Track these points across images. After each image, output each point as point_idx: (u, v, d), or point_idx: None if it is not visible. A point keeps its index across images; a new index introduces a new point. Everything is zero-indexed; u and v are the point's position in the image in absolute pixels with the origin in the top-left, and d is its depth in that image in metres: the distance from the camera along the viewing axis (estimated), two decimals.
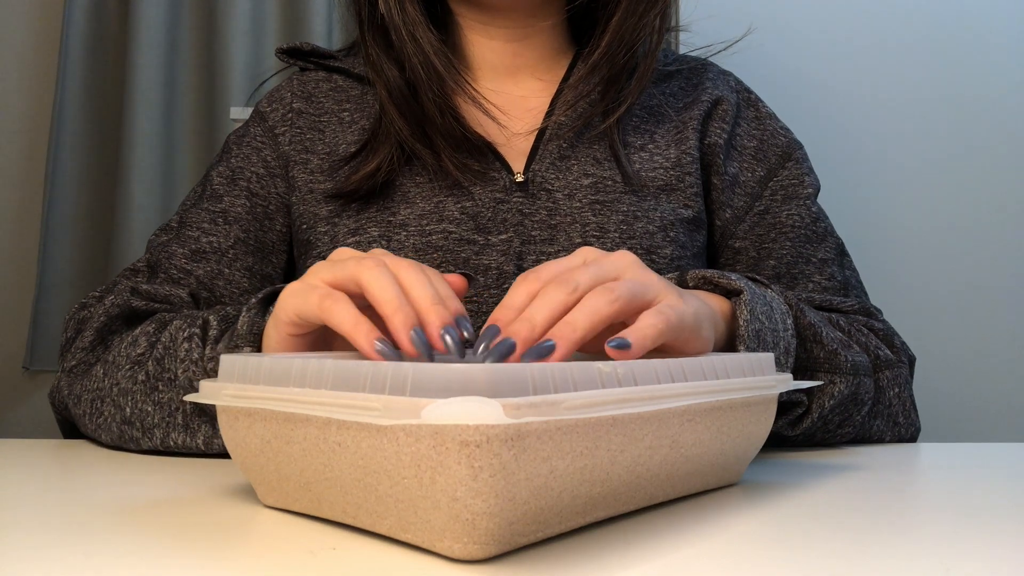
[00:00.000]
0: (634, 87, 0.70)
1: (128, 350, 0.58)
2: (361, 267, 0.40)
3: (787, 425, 0.57)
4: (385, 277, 0.39)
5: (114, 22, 1.38)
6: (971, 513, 0.37)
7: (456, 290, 0.43)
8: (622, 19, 0.68)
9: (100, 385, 0.59)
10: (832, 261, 0.72)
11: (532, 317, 0.37)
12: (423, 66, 0.67)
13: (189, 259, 0.70)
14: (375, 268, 0.39)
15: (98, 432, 0.59)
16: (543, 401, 0.28)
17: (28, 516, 0.36)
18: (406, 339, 0.36)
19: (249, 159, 0.74)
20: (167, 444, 0.54)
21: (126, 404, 0.56)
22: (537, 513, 0.29)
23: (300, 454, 0.33)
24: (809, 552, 0.30)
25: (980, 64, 1.20)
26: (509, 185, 0.67)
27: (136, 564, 0.29)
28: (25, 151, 1.40)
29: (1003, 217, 1.19)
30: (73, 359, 0.63)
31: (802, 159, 0.75)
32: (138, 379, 0.56)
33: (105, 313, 0.63)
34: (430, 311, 0.38)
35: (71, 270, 1.33)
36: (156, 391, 0.55)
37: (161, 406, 0.54)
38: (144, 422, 0.55)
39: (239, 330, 0.51)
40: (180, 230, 0.72)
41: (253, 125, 0.76)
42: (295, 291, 0.42)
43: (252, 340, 0.51)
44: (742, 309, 0.50)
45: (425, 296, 0.38)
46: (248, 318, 0.51)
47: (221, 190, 0.73)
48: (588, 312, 0.37)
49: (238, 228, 0.72)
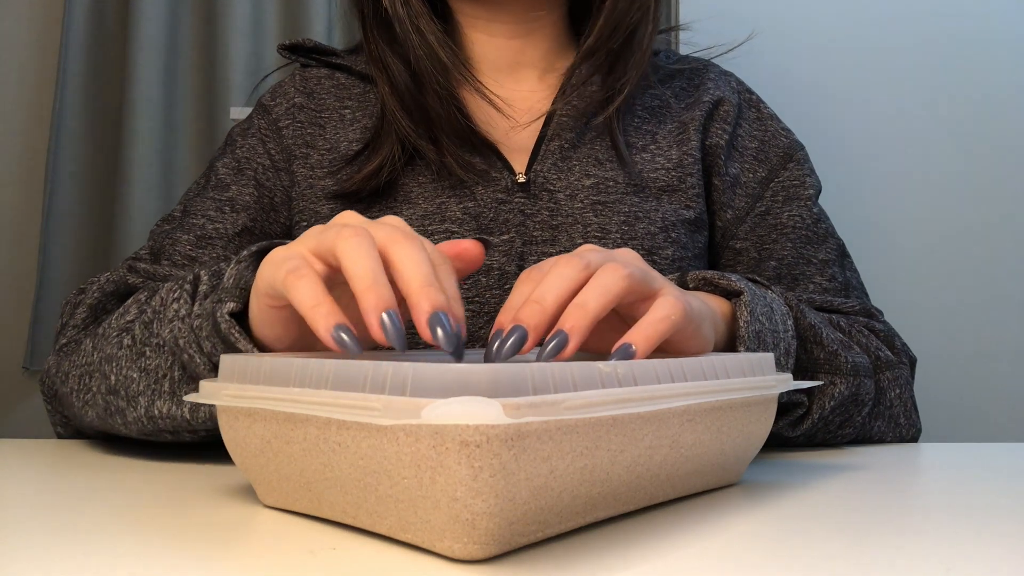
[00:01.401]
0: (632, 75, 0.69)
1: (119, 320, 0.54)
2: (339, 236, 0.34)
3: (787, 426, 0.57)
4: (363, 248, 0.34)
5: (114, 22, 1.37)
6: (971, 513, 0.37)
7: (472, 256, 0.40)
8: (614, 1, 0.68)
9: (89, 360, 0.55)
10: (833, 262, 0.72)
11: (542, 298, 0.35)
12: (428, 57, 0.66)
13: (194, 245, 0.69)
14: (353, 237, 0.34)
15: (84, 410, 0.55)
16: (543, 401, 0.28)
17: (28, 516, 0.36)
18: (375, 323, 0.32)
19: (255, 150, 0.73)
20: (151, 413, 0.50)
21: (111, 372, 0.52)
22: (537, 513, 0.29)
23: (300, 454, 0.33)
24: (809, 552, 0.30)
25: (983, 67, 1.20)
26: (511, 185, 0.67)
27: (136, 564, 0.29)
28: (25, 151, 1.40)
29: (1003, 218, 1.19)
30: (64, 338, 0.61)
31: (803, 160, 0.75)
32: (124, 344, 0.52)
33: (100, 289, 0.62)
34: (420, 292, 0.32)
35: (71, 270, 1.33)
36: (143, 357, 0.50)
37: (147, 372, 0.50)
38: (128, 390, 0.51)
39: (225, 283, 0.46)
40: (184, 218, 0.71)
41: (257, 118, 0.75)
42: (274, 260, 0.38)
43: (238, 296, 0.45)
44: (742, 310, 0.50)
45: (416, 275, 0.33)
46: (236, 271, 0.46)
47: (228, 179, 0.72)
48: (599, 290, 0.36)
49: (246, 216, 0.71)
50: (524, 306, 0.35)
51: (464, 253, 0.40)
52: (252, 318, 0.43)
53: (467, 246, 0.40)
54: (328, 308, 0.33)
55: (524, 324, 0.34)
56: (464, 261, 0.40)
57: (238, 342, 0.43)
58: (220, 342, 0.45)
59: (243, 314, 0.46)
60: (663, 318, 0.38)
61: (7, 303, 1.37)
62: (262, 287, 0.39)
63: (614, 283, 0.36)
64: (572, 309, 0.35)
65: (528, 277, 0.39)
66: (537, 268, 0.40)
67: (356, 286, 0.33)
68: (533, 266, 0.40)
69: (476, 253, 0.40)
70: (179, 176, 1.34)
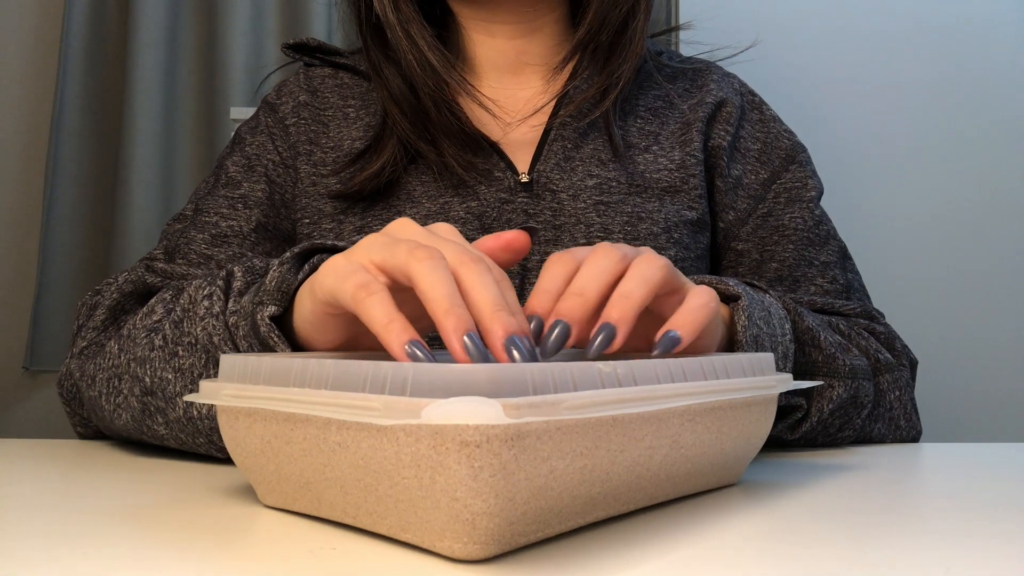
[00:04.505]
0: (626, 67, 0.69)
1: (144, 320, 0.54)
2: (413, 258, 0.35)
3: (786, 429, 0.57)
4: (439, 272, 0.34)
5: (114, 22, 1.38)
6: (971, 513, 0.37)
7: (519, 246, 0.39)
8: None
9: (116, 362, 0.54)
10: (835, 264, 0.72)
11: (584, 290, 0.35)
12: (418, 63, 0.67)
13: (210, 244, 0.68)
14: (428, 260, 0.34)
15: (117, 413, 0.54)
16: (543, 401, 0.28)
17: (27, 516, 0.36)
18: (458, 345, 0.32)
19: (264, 147, 0.73)
20: (190, 415, 0.49)
21: (145, 374, 0.51)
22: (537, 513, 0.29)
23: (300, 454, 0.33)
24: (809, 552, 0.30)
25: (986, 70, 1.20)
26: (514, 185, 0.67)
27: (136, 564, 0.29)
28: (25, 151, 1.40)
29: (1004, 220, 1.19)
30: (84, 340, 0.60)
31: (806, 162, 0.75)
32: (155, 344, 0.51)
33: (118, 290, 0.61)
34: (493, 317, 0.33)
35: (71, 270, 1.33)
36: (176, 356, 0.50)
37: (182, 373, 0.49)
38: (165, 391, 0.50)
39: (267, 285, 0.45)
40: (196, 217, 0.71)
41: (264, 115, 0.75)
42: (336, 269, 0.38)
43: (279, 299, 0.45)
44: (740, 315, 0.50)
45: (488, 300, 0.33)
46: (279, 274, 0.45)
47: (239, 177, 0.72)
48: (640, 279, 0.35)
49: (259, 212, 0.70)
50: (564, 298, 0.35)
51: (511, 243, 0.40)
52: (302, 320, 0.43)
53: (514, 236, 0.40)
54: (401, 325, 0.33)
55: (566, 318, 0.34)
56: (511, 252, 0.40)
57: (276, 346, 0.43)
58: (258, 343, 0.45)
59: (280, 316, 0.46)
60: (703, 304, 0.38)
61: (7, 303, 1.37)
62: (321, 295, 0.39)
63: (653, 273, 0.37)
64: (617, 299, 0.35)
65: (559, 259, 0.39)
66: (569, 252, 0.40)
67: (435, 309, 0.33)
68: (562, 251, 0.40)
69: (523, 243, 0.40)
70: (179, 176, 1.35)
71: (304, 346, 0.45)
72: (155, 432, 0.52)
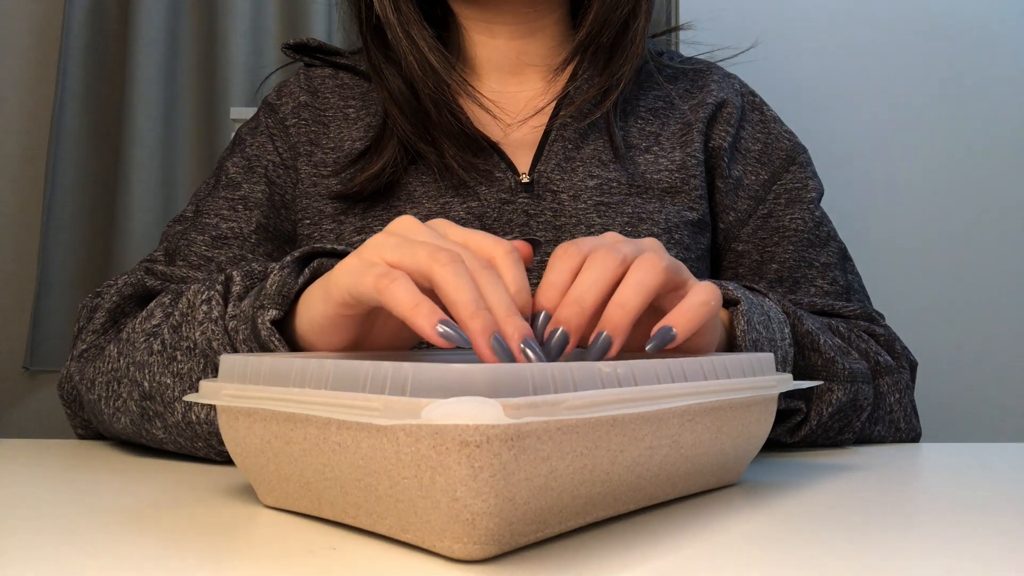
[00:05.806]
0: (627, 68, 0.69)
1: (143, 324, 0.54)
2: (436, 262, 0.36)
3: (786, 432, 0.57)
4: (463, 276, 0.35)
5: (114, 22, 1.38)
6: (971, 513, 0.37)
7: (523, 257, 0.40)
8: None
9: (115, 366, 0.54)
10: (835, 265, 0.72)
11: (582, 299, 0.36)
12: (419, 63, 0.67)
13: (210, 246, 0.68)
14: (451, 264, 0.35)
15: (116, 416, 0.54)
16: (543, 401, 0.28)
17: (27, 516, 0.36)
18: (486, 346, 0.33)
19: (264, 147, 0.73)
20: (188, 419, 0.49)
21: (144, 378, 0.51)
22: (537, 513, 0.29)
23: (300, 454, 0.33)
24: (809, 552, 0.30)
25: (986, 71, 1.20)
26: (515, 186, 0.67)
27: (136, 564, 0.29)
28: (25, 151, 1.40)
29: (1003, 221, 1.19)
30: (84, 343, 0.60)
31: (806, 163, 0.75)
32: (154, 349, 0.51)
33: (118, 293, 0.61)
34: (507, 322, 0.35)
35: (71, 270, 1.33)
36: (174, 361, 0.50)
37: (181, 378, 0.50)
38: (164, 396, 0.50)
39: (268, 289, 0.46)
40: (197, 218, 0.70)
41: (264, 116, 0.75)
42: (351, 269, 0.38)
43: (280, 303, 0.45)
44: (739, 319, 0.50)
45: (501, 304, 0.35)
46: (280, 278, 0.46)
47: (239, 178, 0.72)
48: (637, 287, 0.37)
49: (259, 214, 0.70)
50: (563, 306, 0.36)
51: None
52: (306, 324, 0.43)
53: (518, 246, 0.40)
54: (429, 307, 0.34)
55: (564, 326, 0.36)
56: None
57: (277, 351, 0.44)
58: (258, 348, 0.45)
59: (280, 321, 0.46)
60: (703, 302, 0.39)
61: (7, 303, 1.37)
62: (338, 295, 0.39)
63: (651, 278, 0.37)
64: (612, 309, 0.36)
65: (565, 252, 0.40)
66: (575, 244, 0.40)
67: (460, 312, 0.34)
68: (569, 242, 0.41)
69: (526, 254, 0.41)
70: (179, 176, 1.35)
71: (304, 350, 0.45)
72: (154, 436, 0.52)
